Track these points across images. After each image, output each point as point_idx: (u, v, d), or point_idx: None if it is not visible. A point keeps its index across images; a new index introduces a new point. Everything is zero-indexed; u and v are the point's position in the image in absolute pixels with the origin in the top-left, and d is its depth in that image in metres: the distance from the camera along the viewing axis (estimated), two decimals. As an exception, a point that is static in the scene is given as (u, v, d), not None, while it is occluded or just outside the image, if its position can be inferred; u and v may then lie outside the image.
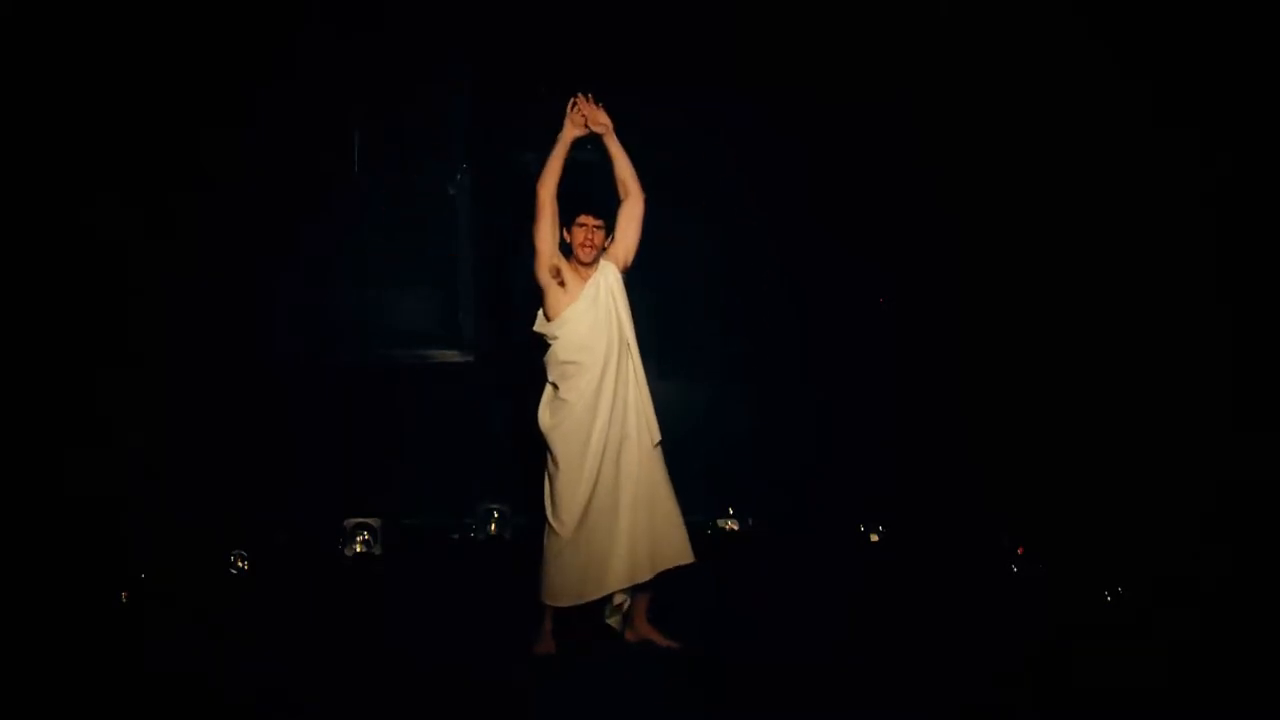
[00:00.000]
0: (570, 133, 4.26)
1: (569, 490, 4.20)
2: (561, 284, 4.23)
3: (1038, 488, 5.47)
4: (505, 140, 6.05)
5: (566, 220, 4.27)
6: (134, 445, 5.35)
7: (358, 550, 5.50)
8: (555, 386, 4.26)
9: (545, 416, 4.27)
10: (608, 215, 4.29)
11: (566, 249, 4.30)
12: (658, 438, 4.27)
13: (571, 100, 4.26)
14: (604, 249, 4.31)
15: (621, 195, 4.32)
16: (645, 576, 4.26)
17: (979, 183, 5.79)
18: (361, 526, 5.51)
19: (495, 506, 5.92)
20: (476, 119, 6.04)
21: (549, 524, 4.25)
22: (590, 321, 4.21)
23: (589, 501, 4.19)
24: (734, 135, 6.05)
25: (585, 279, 4.28)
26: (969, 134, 5.75)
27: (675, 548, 4.27)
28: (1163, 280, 5.03)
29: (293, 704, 3.89)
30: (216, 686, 4.04)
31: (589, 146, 6.10)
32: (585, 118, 4.26)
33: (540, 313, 4.29)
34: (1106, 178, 5.22)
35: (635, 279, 4.38)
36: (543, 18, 5.88)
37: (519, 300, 5.06)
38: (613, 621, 4.43)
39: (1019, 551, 5.24)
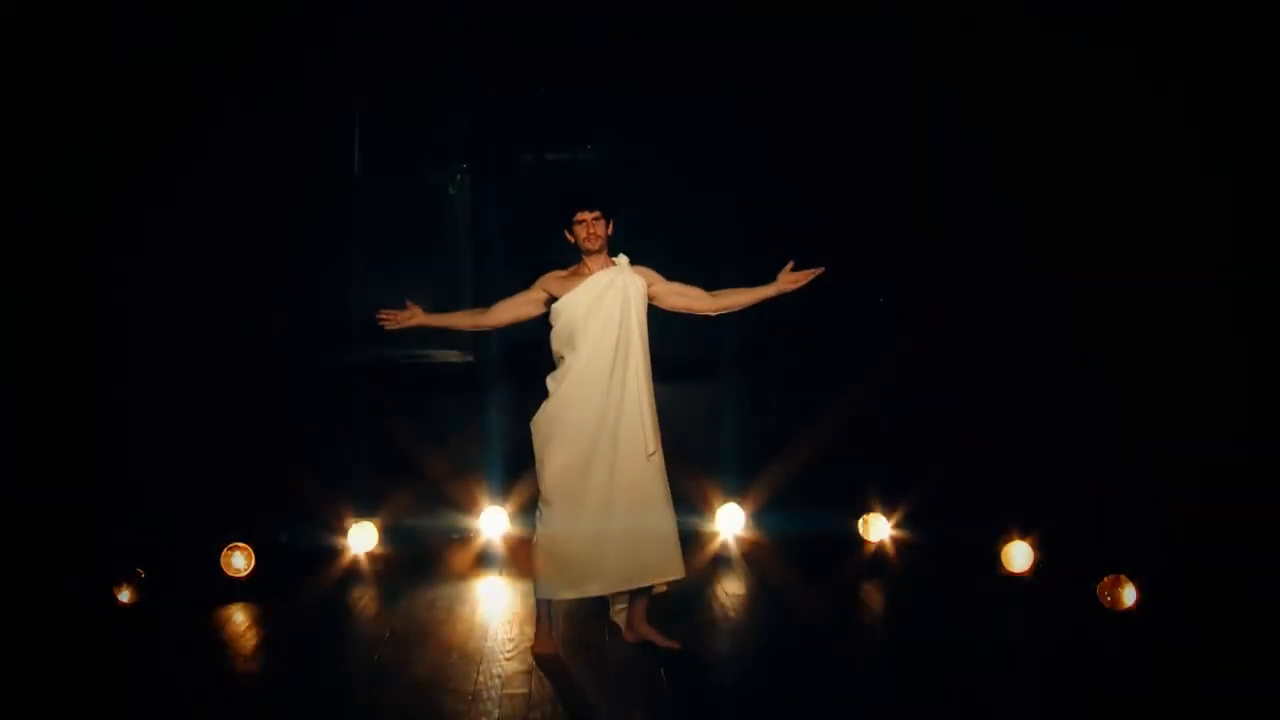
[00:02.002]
0: (427, 319, 4.46)
1: (547, 485, 4.23)
2: (556, 298, 4.29)
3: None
4: (505, 140, 6.06)
5: (566, 220, 4.30)
6: (134, 444, 5.36)
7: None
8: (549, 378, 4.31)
9: (539, 410, 4.30)
10: (604, 205, 4.29)
11: (574, 250, 4.34)
12: (651, 450, 4.23)
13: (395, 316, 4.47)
14: (609, 236, 4.30)
15: (716, 294, 4.36)
16: (631, 585, 4.26)
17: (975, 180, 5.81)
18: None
19: (495, 507, 5.92)
20: (476, 119, 6.04)
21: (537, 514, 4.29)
22: (579, 315, 4.20)
23: (572, 499, 4.19)
24: (735, 133, 6.05)
25: (589, 273, 4.29)
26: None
27: (665, 561, 4.25)
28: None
29: (293, 702, 3.90)
30: (215, 687, 4.05)
31: (589, 147, 6.17)
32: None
33: None
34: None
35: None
36: (542, 17, 5.88)
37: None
38: (619, 620, 4.45)
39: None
